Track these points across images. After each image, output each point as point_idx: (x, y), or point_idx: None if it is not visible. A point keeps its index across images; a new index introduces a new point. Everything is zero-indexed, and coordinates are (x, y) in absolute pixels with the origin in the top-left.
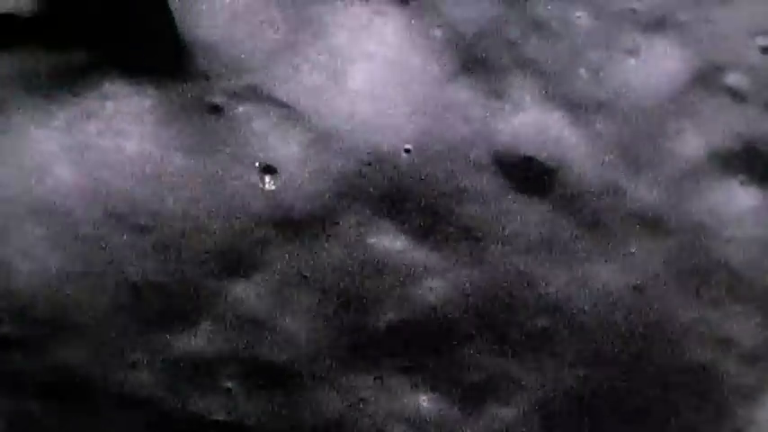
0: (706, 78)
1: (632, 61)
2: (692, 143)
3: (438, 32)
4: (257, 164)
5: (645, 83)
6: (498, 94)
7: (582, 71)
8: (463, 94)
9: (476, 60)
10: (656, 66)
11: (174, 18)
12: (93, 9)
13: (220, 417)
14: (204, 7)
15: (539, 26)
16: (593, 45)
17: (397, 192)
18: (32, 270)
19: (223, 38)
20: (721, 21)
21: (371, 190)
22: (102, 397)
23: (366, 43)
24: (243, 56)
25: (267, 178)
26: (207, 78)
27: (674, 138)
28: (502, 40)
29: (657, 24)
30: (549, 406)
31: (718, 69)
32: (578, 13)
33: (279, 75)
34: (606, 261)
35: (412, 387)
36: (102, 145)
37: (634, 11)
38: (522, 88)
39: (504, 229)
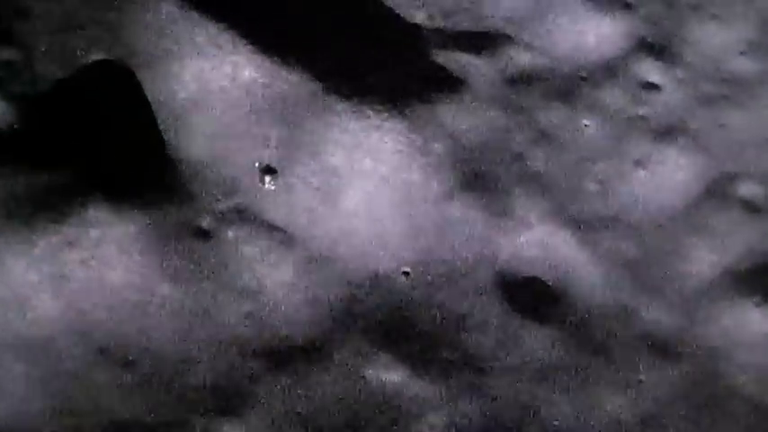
0: (718, 189)
1: (641, 173)
2: (703, 261)
3: (438, 146)
4: (257, 164)
5: (654, 196)
6: (502, 212)
7: (589, 185)
8: (465, 211)
9: (478, 175)
10: (666, 177)
11: (162, 133)
12: (76, 125)
13: None
14: (194, 121)
15: (545, 136)
16: (601, 156)
17: (395, 318)
18: (10, 409)
19: (213, 155)
20: (735, 126)
21: (368, 317)
22: None
23: (362, 161)
24: (233, 175)
25: (267, 179)
26: (195, 199)
27: (685, 255)
28: (506, 152)
29: (668, 132)
30: None
31: (732, 179)
32: (586, 121)
33: (270, 195)
34: (614, 389)
35: None
36: (86, 275)
37: (643, 117)
38: (527, 205)
39: (507, 356)
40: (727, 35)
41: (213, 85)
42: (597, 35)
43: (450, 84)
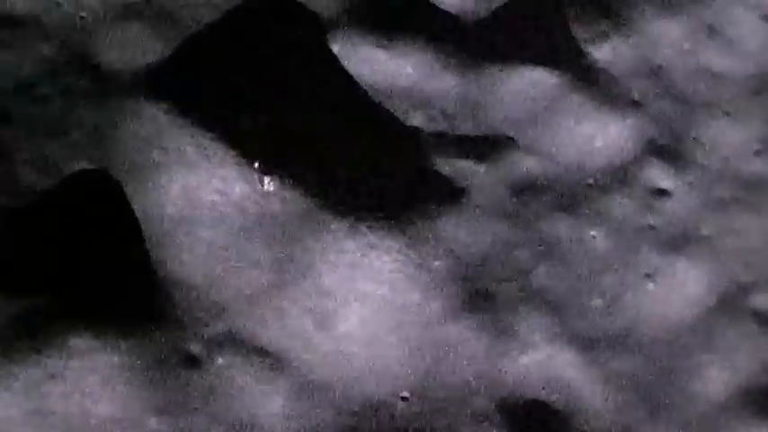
0: (731, 302)
1: (650, 285)
2: (716, 380)
3: (438, 263)
4: (256, 164)
5: (664, 311)
6: (504, 332)
7: (596, 301)
8: (466, 333)
9: (480, 293)
10: (676, 290)
11: (149, 251)
12: (58, 242)
13: None
14: (182, 239)
15: (549, 249)
16: (609, 269)
17: None
18: None
19: (202, 276)
20: (749, 231)
21: None
22: None
23: (359, 282)
24: (223, 297)
25: (266, 179)
26: (183, 324)
27: (696, 374)
28: (509, 267)
29: (678, 241)
30: None
31: (745, 290)
32: (592, 232)
33: (263, 319)
34: None
35: None
36: (68, 410)
37: (653, 227)
38: (531, 324)
39: None
40: (741, 134)
41: (202, 200)
42: (604, 138)
43: (450, 194)
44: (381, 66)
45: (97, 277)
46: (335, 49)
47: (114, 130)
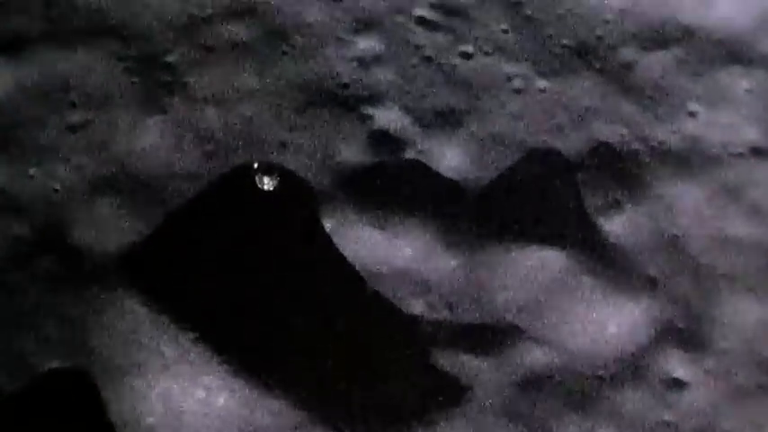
0: None
1: None
2: None
3: None
4: (256, 165)
5: None
6: None
7: None
8: None
9: None
10: None
11: None
12: None
13: None
14: None
15: None
16: None
17: None
18: None
19: None
20: None
21: None
22: None
23: None
24: None
25: (266, 179)
26: None
27: None
28: None
29: None
30: None
31: None
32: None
33: None
34: None
35: None
36: None
37: (668, 423)
38: None
39: None
40: (764, 311)
41: (183, 409)
42: (617, 324)
43: (452, 394)
44: (378, 246)
45: None
46: (329, 226)
47: (90, 324)
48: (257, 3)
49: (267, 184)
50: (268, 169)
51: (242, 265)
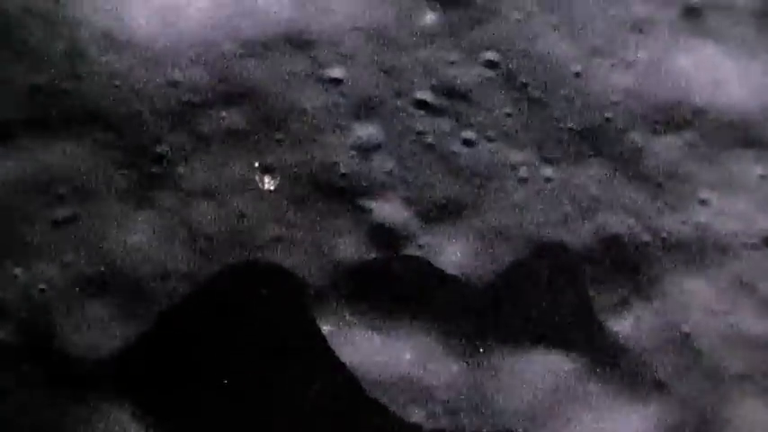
0: None
1: None
2: None
3: None
4: (257, 164)
5: None
6: None
7: None
8: None
9: None
10: None
11: None
12: None
13: None
14: None
15: None
16: None
17: None
18: None
19: None
20: None
21: None
22: None
23: None
24: None
25: (267, 179)
26: None
27: None
28: None
29: None
30: None
31: None
32: None
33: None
34: None
35: None
36: None
37: None
38: None
39: None
40: None
41: None
42: None
43: None
44: (377, 351)
45: None
46: (326, 329)
47: None
48: (251, 86)
49: (268, 183)
50: (268, 168)
51: (237, 374)
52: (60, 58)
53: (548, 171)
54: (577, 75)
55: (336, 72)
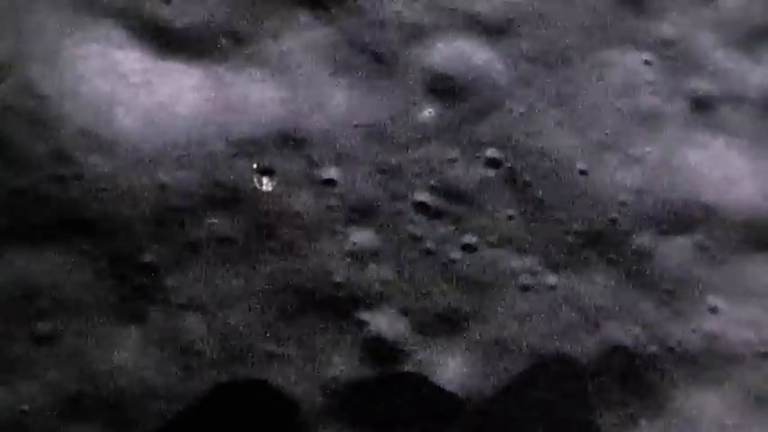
0: None
1: None
2: None
3: None
4: (255, 166)
5: None
6: None
7: None
8: None
9: None
10: None
11: None
12: None
13: None
14: None
15: None
16: None
17: None
18: None
19: None
20: None
21: None
22: None
23: None
24: None
25: (265, 180)
26: None
27: None
28: None
29: None
30: None
31: None
32: None
33: None
34: None
35: None
36: None
37: None
38: None
39: None
40: None
41: None
42: None
43: None
44: None
45: None
46: None
47: None
48: (240, 190)
49: (266, 185)
50: (266, 170)
51: None
52: (43, 159)
53: (551, 279)
54: (583, 172)
55: (331, 172)
